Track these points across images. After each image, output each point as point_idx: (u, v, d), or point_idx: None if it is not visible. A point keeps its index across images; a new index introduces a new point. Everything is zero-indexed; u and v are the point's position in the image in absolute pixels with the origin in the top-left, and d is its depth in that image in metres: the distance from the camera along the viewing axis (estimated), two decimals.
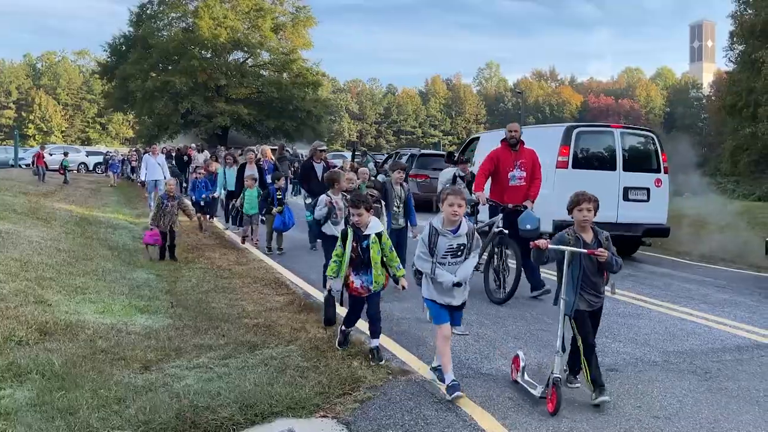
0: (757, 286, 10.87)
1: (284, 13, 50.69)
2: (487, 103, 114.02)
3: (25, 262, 9.52)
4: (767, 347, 6.98)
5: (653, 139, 13.31)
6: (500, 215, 9.05)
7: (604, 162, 12.72)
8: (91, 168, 46.16)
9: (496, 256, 9.02)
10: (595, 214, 5.13)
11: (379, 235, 5.95)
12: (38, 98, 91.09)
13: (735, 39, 38.74)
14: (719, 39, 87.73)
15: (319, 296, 9.00)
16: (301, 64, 49.89)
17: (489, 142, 16.75)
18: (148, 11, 48.40)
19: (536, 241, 5.10)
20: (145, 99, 45.62)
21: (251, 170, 14.57)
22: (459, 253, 5.29)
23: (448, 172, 12.27)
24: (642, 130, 14.21)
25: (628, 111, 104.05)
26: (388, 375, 5.69)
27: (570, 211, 5.17)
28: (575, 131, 12.65)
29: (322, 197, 8.47)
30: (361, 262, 5.98)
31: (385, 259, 5.97)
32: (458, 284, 5.28)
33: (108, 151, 48.14)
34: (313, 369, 5.67)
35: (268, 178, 14.69)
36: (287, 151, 25.99)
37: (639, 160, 13.01)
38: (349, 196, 7.67)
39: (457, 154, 15.96)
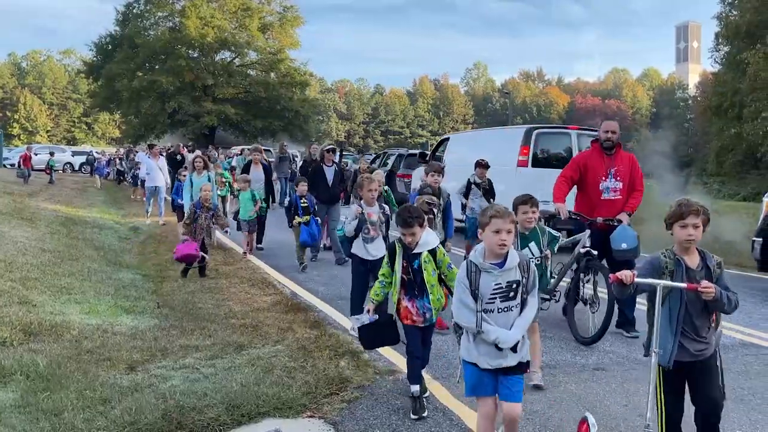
0: (743, 285, 10.92)
1: (271, 12, 50.57)
2: (475, 104, 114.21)
3: (10, 263, 9.45)
4: (752, 346, 7.03)
5: None
6: (587, 232, 7.23)
7: (561, 161, 13.10)
8: (77, 168, 45.85)
9: (582, 284, 7.19)
10: (704, 230, 3.80)
11: (432, 252, 4.89)
12: (23, 97, 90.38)
13: (720, 40, 39.04)
14: (705, 40, 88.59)
15: (306, 296, 9.01)
16: (289, 64, 49.79)
17: (458, 144, 17.08)
18: (134, 10, 48.12)
19: (618, 274, 3.74)
20: (131, 99, 45.37)
21: (257, 172, 13.26)
22: (511, 294, 3.83)
23: (421, 170, 12.55)
24: (598, 131, 14.63)
25: (614, 111, 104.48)
26: (376, 375, 5.69)
27: (669, 226, 3.84)
28: (535, 132, 13.63)
29: (353, 207, 7.07)
30: (413, 285, 4.96)
31: (443, 276, 4.93)
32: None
33: (91, 151, 47.68)
34: (300, 369, 5.65)
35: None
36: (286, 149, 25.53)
37: None
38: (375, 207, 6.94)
39: (430, 154, 16.25)
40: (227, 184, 16.40)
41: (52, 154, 34.38)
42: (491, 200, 10.58)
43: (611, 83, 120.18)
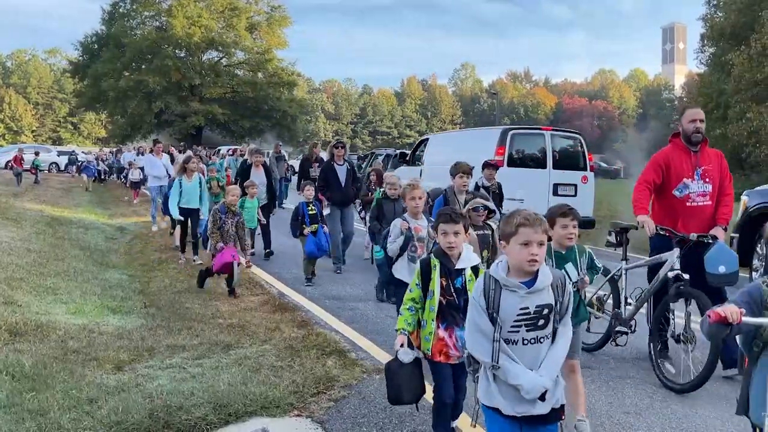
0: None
1: (259, 12, 50.52)
2: (463, 104, 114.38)
3: None
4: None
5: (580, 141, 14.70)
6: (675, 251, 5.81)
7: (536, 161, 14.11)
8: (62, 168, 45.55)
9: (671, 316, 5.81)
10: None
11: (475, 270, 4.04)
12: (8, 97, 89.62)
13: (705, 41, 39.31)
14: (690, 41, 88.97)
15: (294, 295, 9.00)
16: (276, 64, 49.75)
17: (437, 144, 17.33)
18: (120, 9, 47.95)
19: (722, 310, 2.72)
20: (117, 98, 45.21)
21: (258, 175, 12.11)
22: (541, 322, 3.00)
23: (401, 171, 12.53)
24: (570, 132, 15.69)
25: (601, 112, 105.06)
26: (363, 374, 5.70)
27: None
28: (510, 133, 14.03)
29: (397, 221, 5.81)
30: (454, 309, 4.04)
31: None
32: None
33: (73, 151, 47.30)
34: (287, 368, 5.66)
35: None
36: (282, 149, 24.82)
37: (567, 160, 14.38)
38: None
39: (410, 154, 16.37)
40: (222, 188, 14.70)
41: (37, 153, 34.14)
42: (500, 207, 9.46)
43: (598, 84, 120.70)
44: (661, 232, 5.94)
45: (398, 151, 22.55)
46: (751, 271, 9.91)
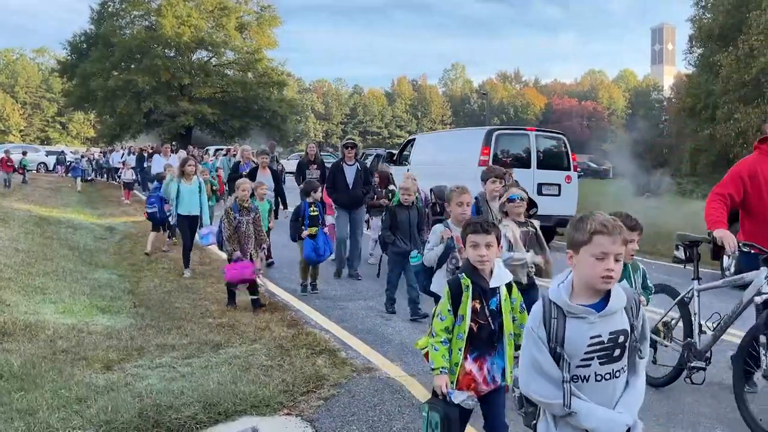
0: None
1: (249, 12, 50.34)
2: (453, 104, 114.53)
3: None
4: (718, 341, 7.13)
5: (564, 141, 14.85)
6: (764, 270, 4.94)
7: (520, 161, 14.21)
8: (51, 168, 45.31)
9: (763, 349, 4.77)
10: None
11: (508, 288, 3.50)
12: None
13: (694, 42, 39.48)
14: (679, 42, 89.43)
15: (283, 295, 9.00)
16: (266, 64, 49.60)
17: (424, 144, 17.52)
18: (109, 9, 47.63)
19: None
20: (106, 98, 44.90)
21: (265, 178, 11.16)
22: (616, 352, 2.46)
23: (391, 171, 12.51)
24: (554, 132, 15.87)
25: (591, 112, 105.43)
26: (353, 372, 5.71)
27: None
28: (495, 133, 14.16)
29: (438, 227, 5.29)
30: (487, 336, 3.48)
31: (511, 322, 3.51)
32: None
33: (62, 151, 46.95)
34: (277, 367, 5.66)
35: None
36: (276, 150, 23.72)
37: (551, 160, 14.55)
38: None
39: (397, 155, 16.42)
40: (214, 192, 14.42)
41: (24, 153, 33.93)
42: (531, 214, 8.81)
43: (588, 85, 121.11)
44: (745, 249, 5.10)
45: (387, 151, 22.55)
46: (722, 270, 10.10)
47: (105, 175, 36.21)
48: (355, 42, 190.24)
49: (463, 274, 3.51)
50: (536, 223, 5.51)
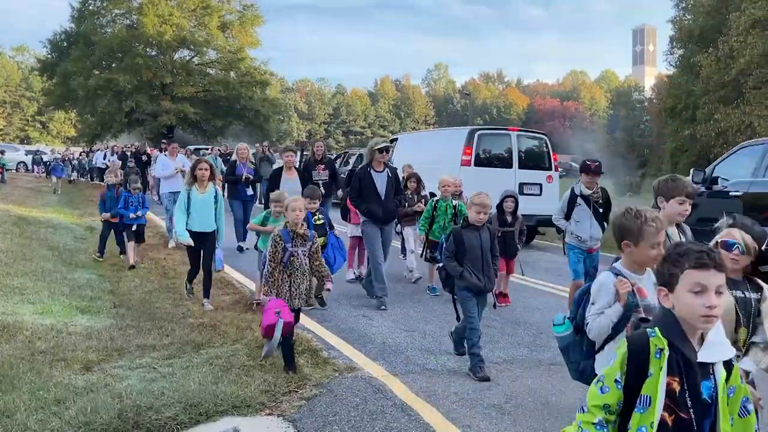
0: None
1: (231, 11, 50.09)
2: (436, 105, 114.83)
3: None
4: None
5: (545, 141, 15.02)
6: None
7: (502, 161, 14.46)
8: (30, 168, 44.83)
9: None
10: None
11: (728, 365, 2.25)
12: None
13: (675, 43, 39.78)
14: (660, 43, 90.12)
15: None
16: (249, 63, 49.39)
17: (406, 144, 17.56)
18: (90, 7, 47.18)
19: None
20: (87, 97, 44.48)
21: (291, 182, 9.66)
22: None
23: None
24: (536, 133, 16.05)
25: (573, 113, 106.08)
26: (335, 372, 5.70)
27: None
28: (477, 133, 14.28)
29: (608, 278, 3.35)
30: None
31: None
32: None
33: (38, 150, 46.28)
34: (258, 367, 5.63)
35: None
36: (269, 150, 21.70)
37: (533, 160, 14.73)
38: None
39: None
40: None
41: (2, 152, 33.51)
42: (605, 222, 7.48)
43: (570, 85, 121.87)
44: None
45: None
46: None
47: (88, 176, 35.32)
48: (338, 42, 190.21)
49: (656, 329, 2.25)
50: (765, 287, 3.47)
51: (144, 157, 24.62)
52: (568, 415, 4.88)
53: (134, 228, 10.89)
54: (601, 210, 7.44)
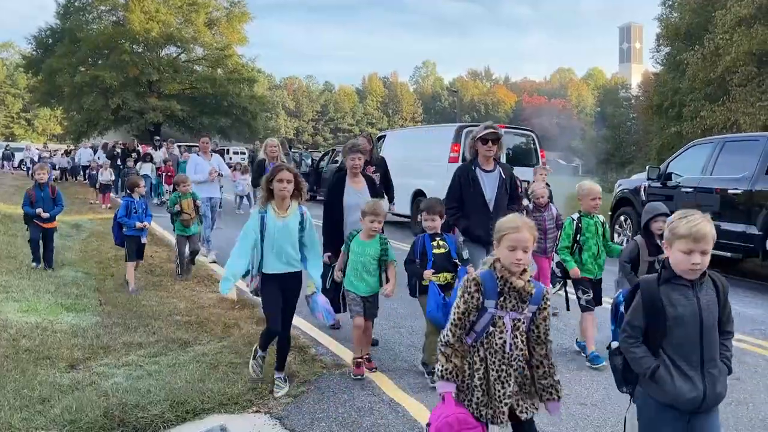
0: None
1: (218, 8, 49.96)
2: (424, 102, 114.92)
3: None
4: None
5: (533, 138, 15.19)
6: None
7: None
8: (16, 165, 44.40)
9: None
10: None
11: None
12: None
13: (661, 41, 39.93)
14: (647, 41, 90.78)
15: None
16: (236, 60, 49.30)
17: (394, 141, 17.57)
18: (76, 3, 46.91)
19: None
20: (73, 94, 44.21)
21: (359, 194, 6.57)
22: None
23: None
24: (524, 129, 16.25)
25: (560, 110, 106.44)
26: (322, 369, 5.69)
27: None
28: (465, 131, 14.09)
29: None
30: None
31: None
32: None
33: (7, 146, 45.48)
34: (245, 365, 5.59)
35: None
36: (295, 148, 19.51)
37: (521, 156, 14.68)
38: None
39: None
40: (198, 213, 10.19)
41: None
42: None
43: (557, 83, 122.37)
44: None
45: None
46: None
47: (71, 176, 34.01)
48: (326, 39, 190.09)
49: None
50: None
51: (134, 155, 24.06)
52: None
53: (143, 241, 9.03)
54: None
